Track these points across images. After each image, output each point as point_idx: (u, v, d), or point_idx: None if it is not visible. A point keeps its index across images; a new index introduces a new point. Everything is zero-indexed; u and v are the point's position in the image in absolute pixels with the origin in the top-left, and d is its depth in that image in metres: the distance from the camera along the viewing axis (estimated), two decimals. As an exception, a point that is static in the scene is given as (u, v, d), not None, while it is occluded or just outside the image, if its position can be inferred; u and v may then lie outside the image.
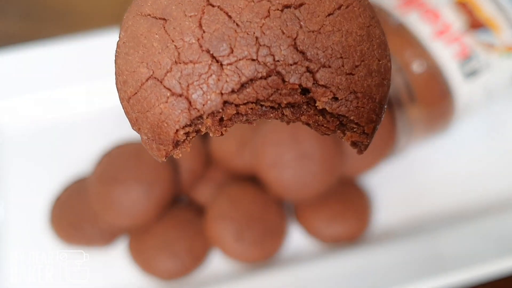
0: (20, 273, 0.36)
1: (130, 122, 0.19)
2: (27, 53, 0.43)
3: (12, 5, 0.52)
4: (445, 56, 0.36)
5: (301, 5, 0.18)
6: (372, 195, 0.40)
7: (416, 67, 0.36)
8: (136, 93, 0.18)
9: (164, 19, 0.18)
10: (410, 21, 0.37)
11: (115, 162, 0.37)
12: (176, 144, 0.18)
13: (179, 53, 0.17)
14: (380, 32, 0.19)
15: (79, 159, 0.40)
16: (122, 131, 0.40)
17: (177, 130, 0.18)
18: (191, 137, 0.18)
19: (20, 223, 0.39)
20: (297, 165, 0.35)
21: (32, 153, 0.42)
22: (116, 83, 0.19)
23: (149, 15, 0.18)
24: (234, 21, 0.17)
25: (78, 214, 0.37)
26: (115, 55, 0.19)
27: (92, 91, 0.43)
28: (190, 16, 0.18)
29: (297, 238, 0.38)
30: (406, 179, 0.41)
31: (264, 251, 0.36)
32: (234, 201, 0.36)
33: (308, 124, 0.19)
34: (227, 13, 0.18)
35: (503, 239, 0.36)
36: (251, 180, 0.38)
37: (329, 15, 0.18)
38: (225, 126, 0.19)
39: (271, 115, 0.19)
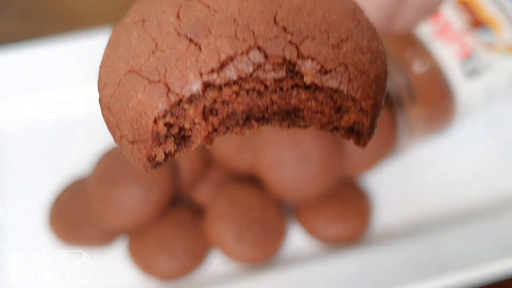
0: (20, 273, 0.36)
1: (111, 132, 0.17)
2: (27, 53, 0.42)
3: (12, 5, 0.52)
4: (446, 55, 0.36)
5: None
6: (372, 195, 0.39)
7: (417, 66, 0.36)
8: (115, 92, 0.17)
9: (143, 20, 0.18)
10: (410, 21, 0.37)
11: (115, 162, 0.37)
12: (157, 139, 0.17)
13: (156, 43, 0.17)
14: (367, 18, 0.18)
15: (79, 159, 0.40)
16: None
17: (155, 119, 0.16)
18: (173, 134, 0.17)
19: (20, 223, 0.39)
20: (297, 165, 0.35)
21: (32, 153, 0.42)
22: (99, 97, 0.18)
23: (130, 22, 0.18)
24: (212, 8, 0.17)
25: (77, 214, 0.37)
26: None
27: (92, 91, 0.42)
28: (169, 12, 0.17)
29: (297, 238, 0.38)
30: (406, 179, 0.40)
31: (264, 251, 0.36)
32: (234, 201, 0.36)
33: (303, 119, 0.18)
34: (205, 4, 0.17)
35: (504, 240, 0.36)
36: (251, 180, 0.38)
37: None
38: (212, 125, 0.17)
39: (259, 102, 0.17)
